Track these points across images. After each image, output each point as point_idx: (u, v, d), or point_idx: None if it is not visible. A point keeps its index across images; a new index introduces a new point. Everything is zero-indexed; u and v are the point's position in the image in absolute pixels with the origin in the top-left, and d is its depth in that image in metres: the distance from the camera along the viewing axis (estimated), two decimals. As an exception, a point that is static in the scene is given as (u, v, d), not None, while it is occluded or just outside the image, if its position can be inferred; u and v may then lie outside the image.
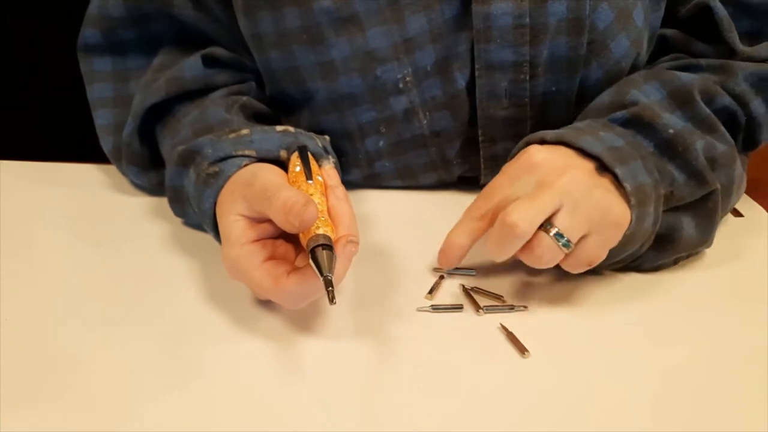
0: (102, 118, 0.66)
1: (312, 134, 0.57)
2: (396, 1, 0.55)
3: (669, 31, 0.63)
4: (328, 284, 0.43)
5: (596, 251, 0.49)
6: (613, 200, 0.49)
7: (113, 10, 0.63)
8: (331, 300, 0.43)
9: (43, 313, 0.51)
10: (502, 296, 0.53)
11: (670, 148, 0.52)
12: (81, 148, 0.72)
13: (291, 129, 0.56)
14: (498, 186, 0.51)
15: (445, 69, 0.59)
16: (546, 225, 0.47)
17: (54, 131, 1.03)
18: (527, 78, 0.58)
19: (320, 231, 0.46)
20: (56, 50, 0.98)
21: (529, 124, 0.60)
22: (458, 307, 0.52)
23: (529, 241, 0.47)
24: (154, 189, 0.65)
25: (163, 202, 0.64)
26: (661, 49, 0.63)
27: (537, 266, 0.49)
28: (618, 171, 0.49)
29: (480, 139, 0.61)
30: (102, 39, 0.65)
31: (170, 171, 0.57)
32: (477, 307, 0.52)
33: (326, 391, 0.45)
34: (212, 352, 0.48)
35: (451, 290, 0.54)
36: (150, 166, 0.64)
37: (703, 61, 0.58)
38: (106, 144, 0.66)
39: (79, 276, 0.55)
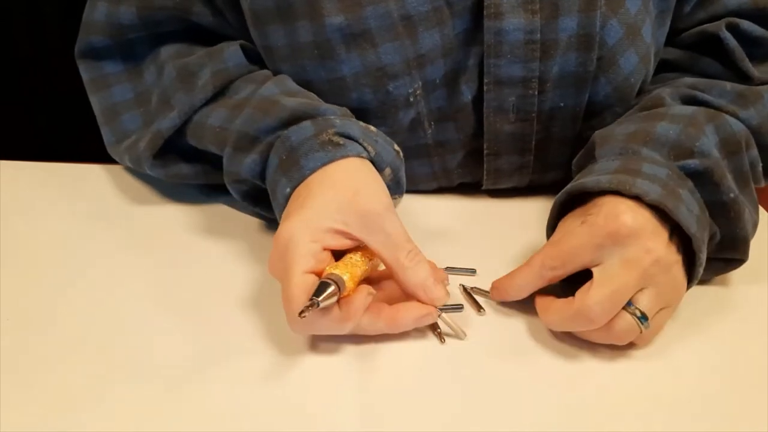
0: (130, 122, 0.64)
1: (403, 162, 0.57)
2: (409, 16, 0.55)
3: (670, 54, 0.63)
4: (311, 305, 0.44)
5: (664, 322, 0.49)
6: (684, 273, 0.49)
7: (124, 18, 0.62)
8: (301, 313, 0.43)
9: (44, 313, 0.51)
10: None
11: (723, 210, 0.51)
12: (81, 148, 0.72)
13: (401, 154, 0.56)
14: (580, 248, 0.47)
15: (452, 82, 0.59)
16: (627, 304, 0.46)
17: (54, 131, 1.02)
18: (535, 93, 0.58)
19: (337, 270, 0.46)
20: (57, 50, 0.98)
21: (535, 138, 0.61)
22: (458, 307, 0.52)
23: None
24: (169, 180, 0.63)
25: (165, 202, 0.64)
26: (662, 71, 0.63)
27: (607, 342, 0.48)
28: (701, 257, 0.48)
29: (485, 152, 0.61)
30: (111, 42, 0.64)
31: (263, 120, 0.54)
32: (477, 307, 0.52)
33: (325, 391, 0.45)
34: (212, 351, 0.47)
35: (451, 290, 0.54)
36: (177, 159, 0.62)
37: (728, 85, 0.58)
38: (135, 146, 0.62)
39: (79, 276, 0.55)
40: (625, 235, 0.46)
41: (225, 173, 0.57)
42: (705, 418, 0.44)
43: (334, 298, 0.45)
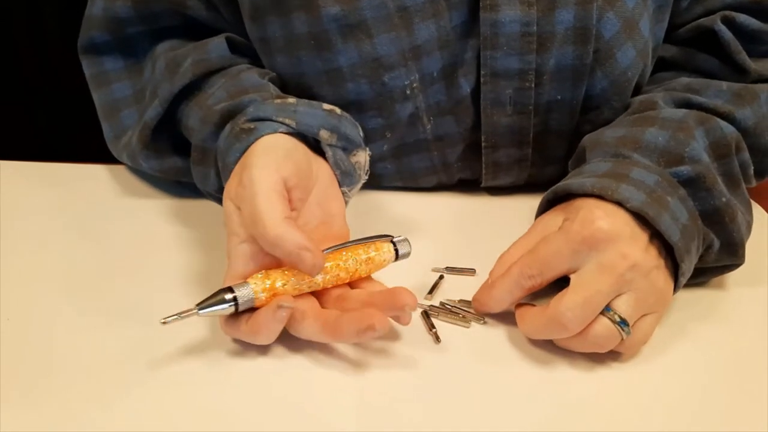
0: (129, 118, 0.64)
1: (354, 121, 0.56)
2: (405, 7, 0.55)
3: (667, 51, 0.63)
4: (184, 311, 0.44)
5: (651, 329, 0.48)
6: (666, 279, 0.48)
7: (120, 11, 0.62)
8: (163, 320, 0.44)
9: (43, 313, 0.51)
10: None
11: (717, 216, 0.50)
12: (81, 147, 0.72)
13: (337, 111, 0.55)
14: (556, 254, 0.47)
15: (450, 75, 0.59)
16: (606, 309, 0.45)
17: (54, 131, 1.03)
18: (532, 86, 0.58)
19: (257, 280, 0.46)
20: (57, 50, 0.98)
21: (532, 132, 0.60)
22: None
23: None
24: (165, 176, 0.64)
25: (165, 202, 0.64)
26: (659, 70, 0.63)
27: (587, 350, 0.46)
28: (683, 266, 0.48)
29: (483, 145, 0.61)
30: (110, 38, 0.64)
31: (204, 130, 0.55)
32: (478, 318, 0.51)
33: (324, 392, 0.45)
34: (212, 351, 0.47)
35: (451, 290, 0.54)
36: (170, 151, 0.62)
37: (725, 85, 0.57)
38: (132, 143, 0.63)
39: (79, 276, 0.55)
40: (600, 240, 0.46)
41: (204, 193, 0.58)
42: (700, 424, 0.43)
43: (223, 309, 0.45)
